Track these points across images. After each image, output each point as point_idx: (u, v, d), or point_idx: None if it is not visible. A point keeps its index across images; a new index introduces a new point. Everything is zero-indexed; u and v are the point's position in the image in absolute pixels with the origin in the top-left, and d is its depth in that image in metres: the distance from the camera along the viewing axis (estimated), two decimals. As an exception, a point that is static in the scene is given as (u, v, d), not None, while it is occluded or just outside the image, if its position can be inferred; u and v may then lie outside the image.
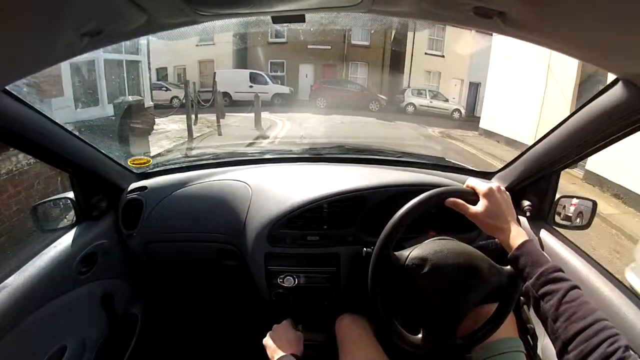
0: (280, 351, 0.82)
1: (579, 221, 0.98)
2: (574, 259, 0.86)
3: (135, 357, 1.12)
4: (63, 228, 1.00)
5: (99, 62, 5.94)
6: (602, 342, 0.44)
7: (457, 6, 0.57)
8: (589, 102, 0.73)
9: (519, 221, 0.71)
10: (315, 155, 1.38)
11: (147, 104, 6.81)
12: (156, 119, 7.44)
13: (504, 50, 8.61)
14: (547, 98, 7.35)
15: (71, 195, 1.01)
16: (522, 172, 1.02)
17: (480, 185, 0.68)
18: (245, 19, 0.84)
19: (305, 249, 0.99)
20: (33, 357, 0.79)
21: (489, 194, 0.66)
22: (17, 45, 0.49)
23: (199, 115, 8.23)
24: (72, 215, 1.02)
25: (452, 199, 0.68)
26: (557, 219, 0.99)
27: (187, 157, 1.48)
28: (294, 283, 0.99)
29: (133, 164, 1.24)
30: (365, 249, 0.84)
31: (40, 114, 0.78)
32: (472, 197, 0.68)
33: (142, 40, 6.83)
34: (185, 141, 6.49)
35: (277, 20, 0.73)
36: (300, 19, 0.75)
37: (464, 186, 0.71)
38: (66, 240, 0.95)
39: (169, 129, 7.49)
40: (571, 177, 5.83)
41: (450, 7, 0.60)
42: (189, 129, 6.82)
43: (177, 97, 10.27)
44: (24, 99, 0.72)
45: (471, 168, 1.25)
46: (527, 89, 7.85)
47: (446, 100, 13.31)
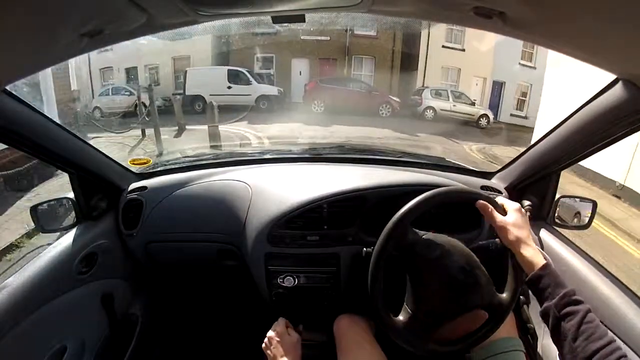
0: None
1: (579, 221, 0.98)
2: (574, 259, 0.86)
3: (135, 357, 1.12)
4: (63, 228, 1.00)
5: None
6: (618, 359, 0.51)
7: (457, 6, 0.57)
8: (589, 102, 0.73)
9: None
10: (315, 155, 1.38)
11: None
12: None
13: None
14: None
15: (71, 195, 1.01)
16: (522, 172, 1.02)
17: (510, 202, 0.73)
18: (245, 19, 0.84)
19: (305, 249, 0.99)
20: (33, 357, 0.79)
21: (518, 210, 0.71)
22: (17, 45, 0.49)
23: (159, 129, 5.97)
24: (72, 215, 1.02)
25: (483, 202, 0.71)
26: (557, 219, 0.99)
27: (187, 157, 1.48)
28: (294, 283, 0.99)
29: (133, 163, 1.24)
30: (365, 249, 0.84)
31: (40, 114, 0.78)
32: (499, 208, 0.72)
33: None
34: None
35: (277, 20, 0.73)
36: (300, 19, 0.75)
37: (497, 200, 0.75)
38: (66, 240, 0.95)
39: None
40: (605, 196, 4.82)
41: (450, 7, 0.60)
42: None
43: (143, 103, 7.86)
44: (24, 99, 0.72)
45: (471, 168, 1.25)
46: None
47: (472, 103, 10.59)
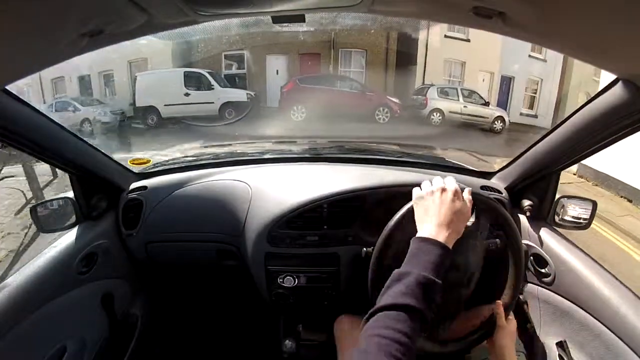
0: None
1: (579, 221, 0.98)
2: (574, 259, 0.86)
3: (135, 357, 1.12)
4: (63, 228, 1.00)
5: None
6: None
7: (457, 6, 0.57)
8: (589, 102, 0.73)
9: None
10: (315, 155, 1.38)
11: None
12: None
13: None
14: None
15: (71, 195, 1.01)
16: (522, 172, 1.02)
17: (513, 322, 0.77)
18: (244, 19, 0.84)
19: (305, 249, 0.99)
20: (33, 357, 0.79)
21: (514, 326, 0.76)
22: (17, 45, 0.49)
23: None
24: (72, 215, 1.02)
25: (501, 306, 0.75)
26: (557, 219, 0.99)
27: (187, 156, 1.48)
28: (294, 283, 0.99)
29: (133, 163, 1.24)
30: (364, 249, 0.84)
31: (40, 114, 0.78)
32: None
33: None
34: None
35: (277, 20, 0.73)
36: (300, 18, 0.75)
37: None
38: (66, 240, 0.95)
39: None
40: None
41: (450, 7, 0.60)
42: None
43: (88, 119, 6.66)
44: (24, 99, 0.72)
45: (471, 168, 1.25)
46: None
47: (485, 103, 8.90)
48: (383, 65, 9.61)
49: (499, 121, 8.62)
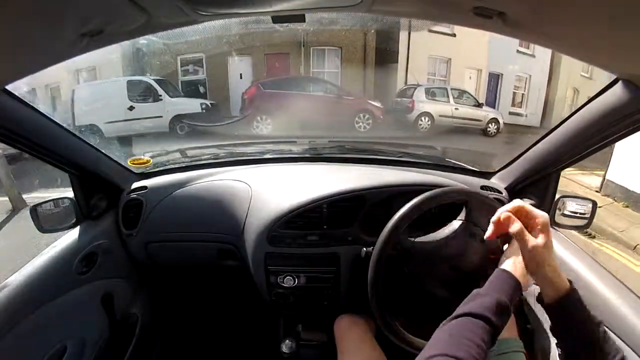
0: None
1: (579, 221, 0.98)
2: (574, 259, 0.86)
3: (135, 357, 1.12)
4: (63, 228, 1.00)
5: None
6: None
7: (457, 6, 0.57)
8: (588, 102, 0.73)
9: None
10: (315, 155, 1.38)
11: None
12: None
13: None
14: None
15: (71, 195, 1.01)
16: (522, 172, 1.02)
17: (540, 213, 0.59)
18: (244, 19, 0.84)
19: (305, 249, 0.99)
20: (33, 357, 0.79)
21: (547, 228, 0.58)
22: (17, 45, 0.49)
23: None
24: (72, 215, 1.02)
25: (516, 223, 0.58)
26: (557, 218, 0.99)
27: (187, 157, 1.48)
28: (294, 283, 0.99)
29: (133, 164, 1.24)
30: (364, 249, 0.84)
31: (40, 114, 0.78)
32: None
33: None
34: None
35: (277, 20, 0.73)
36: (300, 18, 0.75)
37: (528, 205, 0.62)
38: (66, 240, 0.96)
39: None
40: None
41: (450, 7, 0.60)
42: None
43: None
44: (24, 99, 0.72)
45: (471, 168, 1.25)
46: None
47: (478, 104, 7.98)
48: (361, 64, 8.40)
49: (493, 123, 7.78)
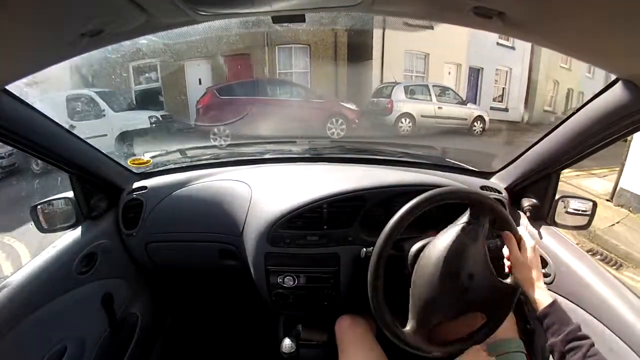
0: None
1: (579, 221, 0.98)
2: (574, 259, 0.86)
3: (135, 357, 1.12)
4: (63, 228, 1.00)
5: None
6: None
7: (456, 6, 0.57)
8: (588, 102, 0.73)
9: None
10: (315, 155, 1.38)
11: None
12: None
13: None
14: None
15: (71, 195, 1.01)
16: (522, 172, 1.02)
17: (529, 239, 0.75)
18: (245, 19, 0.84)
19: (305, 249, 0.99)
20: (33, 357, 0.79)
21: (533, 249, 0.72)
22: (17, 45, 0.49)
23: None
24: (72, 215, 1.02)
25: (510, 235, 0.74)
26: (557, 219, 0.99)
27: (187, 157, 1.48)
28: (294, 283, 0.99)
29: (133, 164, 1.24)
30: (364, 249, 0.84)
31: (40, 114, 0.78)
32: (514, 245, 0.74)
33: None
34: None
35: (277, 20, 0.73)
36: (301, 18, 0.75)
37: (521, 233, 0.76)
38: (66, 240, 0.96)
39: None
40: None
41: (450, 7, 0.60)
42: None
43: None
44: (24, 99, 0.72)
45: (471, 168, 1.25)
46: None
47: (462, 101, 7.44)
48: (332, 62, 7.56)
49: (479, 122, 7.22)
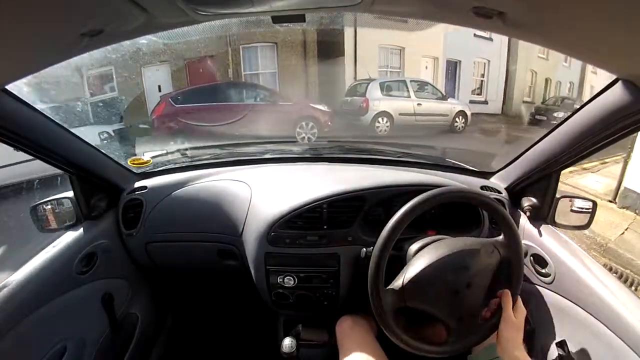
0: None
1: (579, 221, 0.98)
2: (574, 259, 0.86)
3: (136, 357, 1.12)
4: (63, 228, 1.00)
5: None
6: None
7: (456, 6, 0.57)
8: (589, 102, 0.73)
9: None
10: (315, 155, 1.38)
11: None
12: None
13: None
14: None
15: (71, 195, 1.01)
16: (522, 172, 1.02)
17: (521, 307, 0.75)
18: (245, 19, 0.84)
19: (305, 249, 0.99)
20: (33, 357, 0.79)
21: (522, 316, 0.73)
22: (17, 45, 0.49)
23: None
24: (72, 215, 1.02)
25: (508, 294, 0.74)
26: (557, 218, 0.99)
27: (187, 157, 1.48)
28: (294, 283, 0.99)
29: (133, 163, 1.24)
30: (364, 249, 0.84)
31: (40, 114, 0.78)
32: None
33: None
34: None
35: (277, 20, 0.73)
36: (301, 18, 0.75)
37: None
38: (66, 240, 0.95)
39: None
40: None
41: (450, 7, 0.60)
42: None
43: None
44: (24, 99, 0.72)
45: (471, 168, 1.25)
46: None
47: (442, 96, 7.03)
48: (301, 60, 7.15)
49: (461, 117, 6.77)
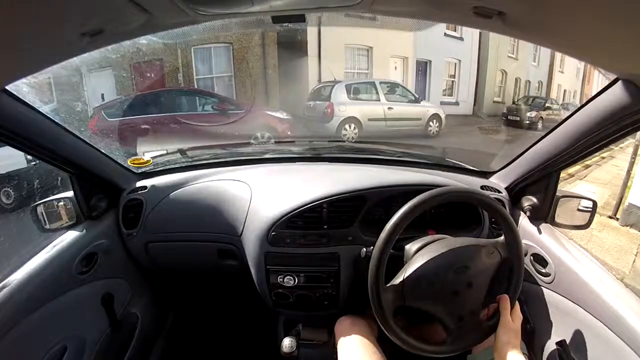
0: None
1: (579, 221, 0.98)
2: (574, 259, 0.86)
3: (136, 357, 1.13)
4: (63, 228, 1.00)
5: None
6: None
7: (457, 6, 0.57)
8: (589, 102, 0.73)
9: None
10: (315, 155, 1.38)
11: None
12: None
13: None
14: None
15: (71, 195, 1.01)
16: (522, 172, 1.02)
17: (519, 313, 0.77)
18: (245, 19, 0.84)
19: (305, 248, 0.99)
20: (33, 357, 0.79)
21: (520, 322, 0.74)
22: (17, 45, 0.49)
23: None
24: (72, 215, 1.02)
25: (506, 298, 0.75)
26: (557, 218, 0.99)
27: (188, 157, 1.48)
28: (294, 283, 0.99)
29: (133, 163, 1.24)
30: (364, 249, 0.84)
31: (40, 114, 0.78)
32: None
33: None
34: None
35: (277, 20, 0.73)
36: (301, 18, 0.75)
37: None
38: (66, 240, 0.96)
39: None
40: None
41: (450, 7, 0.60)
42: None
43: None
44: (24, 99, 0.72)
45: (471, 168, 1.25)
46: None
47: (415, 99, 6.50)
48: (260, 61, 6.44)
49: (435, 121, 6.25)
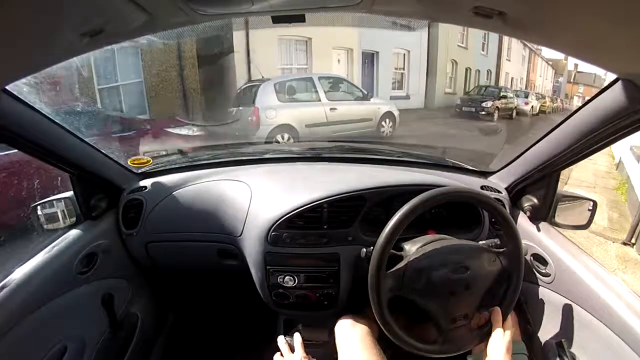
0: None
1: (579, 221, 0.98)
2: (574, 259, 0.86)
3: (136, 357, 1.12)
4: (63, 228, 1.00)
5: None
6: None
7: (457, 6, 0.57)
8: (588, 101, 0.73)
9: None
10: (315, 155, 1.38)
11: None
12: None
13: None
14: None
15: (71, 195, 1.01)
16: (522, 172, 1.02)
17: (510, 326, 0.76)
18: (244, 19, 0.84)
19: (305, 249, 0.99)
20: (33, 357, 0.79)
21: (512, 335, 0.73)
22: (17, 45, 0.49)
23: None
24: (72, 215, 1.02)
25: (499, 313, 0.74)
26: (557, 218, 0.99)
27: (188, 157, 1.48)
28: (294, 283, 0.99)
29: (133, 163, 1.24)
30: (364, 249, 0.84)
31: (40, 114, 0.78)
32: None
33: None
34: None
35: (277, 20, 0.73)
36: (301, 18, 0.75)
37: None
38: (66, 240, 0.96)
39: None
40: None
41: (450, 7, 0.60)
42: None
43: None
44: (24, 99, 0.72)
45: (471, 168, 1.25)
46: None
47: (363, 96, 5.58)
48: (176, 61, 5.49)
49: (388, 120, 5.39)
